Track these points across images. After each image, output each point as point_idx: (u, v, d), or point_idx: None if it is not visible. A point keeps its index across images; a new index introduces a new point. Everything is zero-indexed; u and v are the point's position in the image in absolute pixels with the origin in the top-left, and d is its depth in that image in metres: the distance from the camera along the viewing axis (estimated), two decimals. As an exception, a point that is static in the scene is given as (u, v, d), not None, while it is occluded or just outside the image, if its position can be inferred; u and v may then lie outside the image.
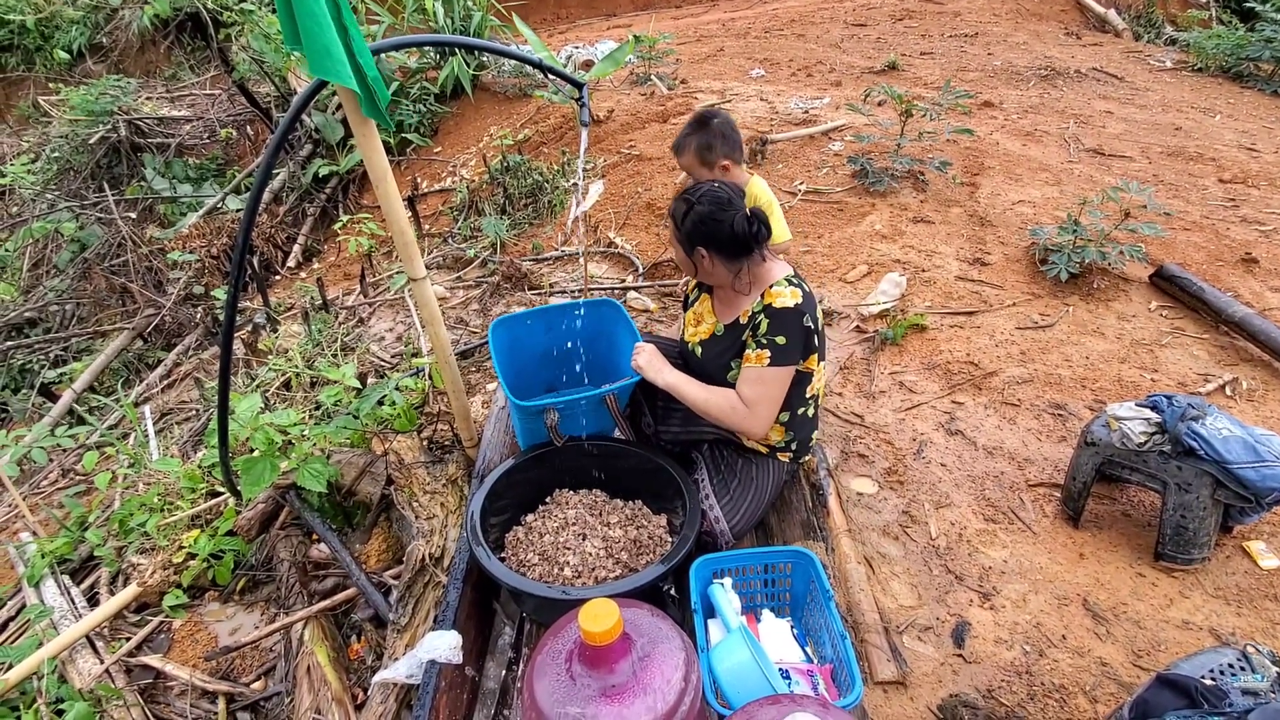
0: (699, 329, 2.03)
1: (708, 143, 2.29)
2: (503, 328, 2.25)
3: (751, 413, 1.83)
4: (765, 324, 1.80)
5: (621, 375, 2.08)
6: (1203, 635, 1.83)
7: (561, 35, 8.94)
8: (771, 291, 1.82)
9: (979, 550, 2.11)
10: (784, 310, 1.78)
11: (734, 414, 1.84)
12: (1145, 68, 6.63)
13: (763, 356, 1.80)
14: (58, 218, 5.27)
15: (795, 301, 1.79)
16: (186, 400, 3.60)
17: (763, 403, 1.82)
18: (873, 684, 1.74)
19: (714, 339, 1.97)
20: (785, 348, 1.78)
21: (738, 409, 1.84)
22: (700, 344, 2.01)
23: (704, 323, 2.01)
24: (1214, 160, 4.44)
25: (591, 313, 2.30)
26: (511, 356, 2.23)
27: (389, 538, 2.34)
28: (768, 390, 1.82)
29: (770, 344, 1.79)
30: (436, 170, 5.68)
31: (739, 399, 1.84)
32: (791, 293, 1.80)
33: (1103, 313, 3.10)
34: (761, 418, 1.83)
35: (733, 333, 1.90)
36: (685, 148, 2.32)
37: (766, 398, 1.82)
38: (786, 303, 1.78)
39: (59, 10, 8.02)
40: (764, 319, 1.81)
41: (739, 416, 1.84)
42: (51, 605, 2.24)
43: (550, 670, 1.20)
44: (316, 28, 1.38)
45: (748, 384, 1.83)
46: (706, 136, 2.29)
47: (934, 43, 7.41)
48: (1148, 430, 1.97)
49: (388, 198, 1.73)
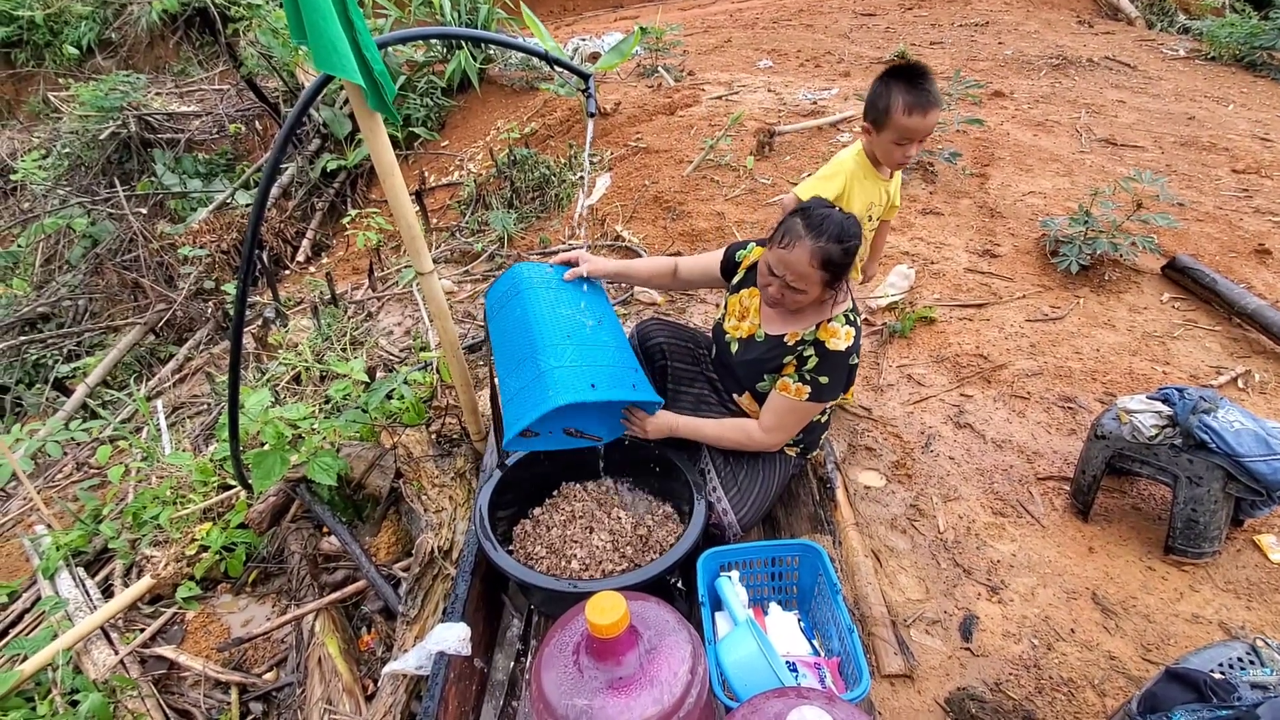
0: (742, 325, 1.97)
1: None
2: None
3: (768, 437, 1.88)
4: (814, 361, 1.77)
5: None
6: (1212, 629, 1.82)
7: (568, 27, 8.91)
8: (829, 327, 1.76)
9: (987, 544, 2.10)
10: (835, 353, 1.75)
11: (749, 442, 1.92)
12: (1158, 56, 6.54)
13: (802, 391, 1.79)
14: (69, 213, 5.31)
15: (848, 344, 1.76)
16: (198, 394, 3.63)
17: (783, 430, 1.87)
18: (880, 677, 1.75)
19: (753, 342, 1.92)
20: (826, 387, 1.78)
21: (754, 438, 1.90)
22: (739, 342, 1.97)
23: (749, 319, 1.96)
24: (1227, 150, 4.39)
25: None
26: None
27: (398, 530, 2.36)
28: (793, 420, 1.85)
29: (814, 382, 1.78)
30: (444, 164, 5.68)
31: (755, 427, 1.89)
32: (846, 333, 1.76)
33: (1114, 305, 3.08)
34: (777, 442, 1.90)
35: (775, 348, 1.86)
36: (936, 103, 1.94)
37: (789, 426, 1.86)
38: (839, 345, 1.75)
39: (68, 6, 8.06)
40: (814, 356, 1.77)
41: (754, 444, 1.91)
42: (66, 597, 2.27)
43: (558, 662, 1.21)
44: (322, 22, 1.38)
45: (776, 413, 1.84)
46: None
47: (944, 32, 7.33)
48: (1159, 423, 1.95)
49: (395, 192, 1.73)
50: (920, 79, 1.89)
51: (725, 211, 3.98)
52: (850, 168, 2.11)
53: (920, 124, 1.92)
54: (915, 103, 1.89)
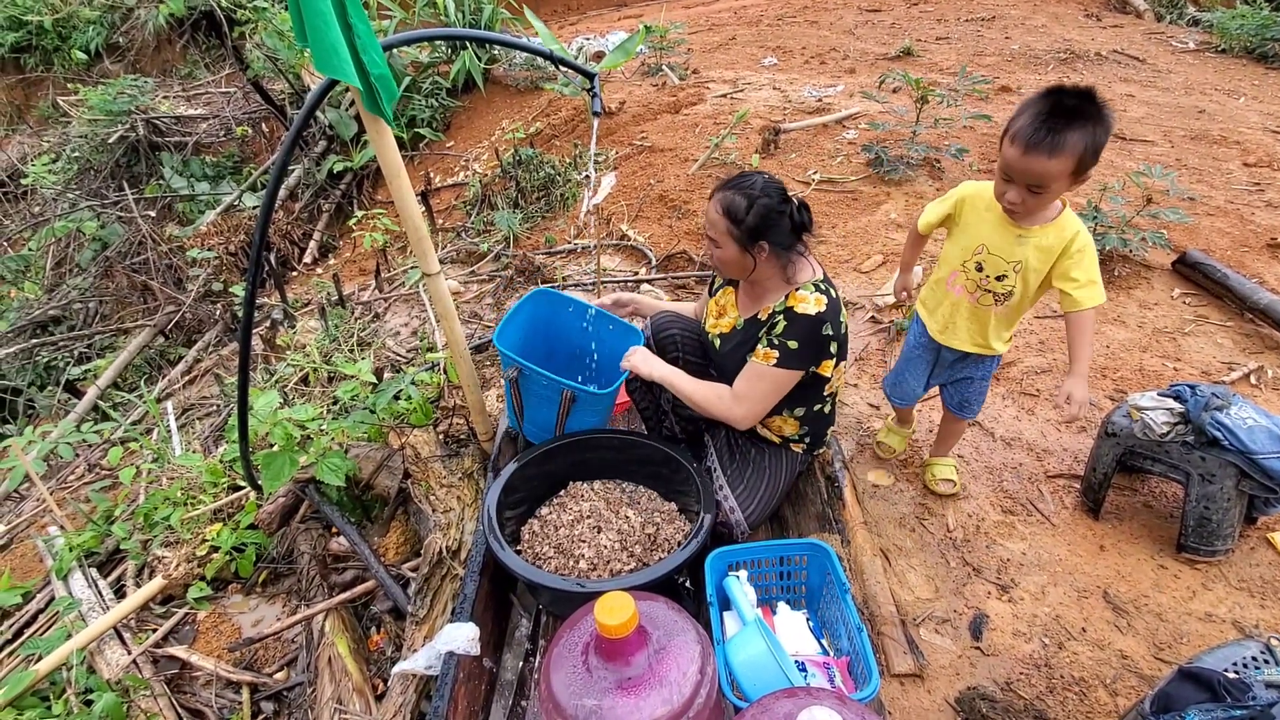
0: (721, 321, 2.01)
1: (1099, 144, 1.50)
2: (543, 298, 2.26)
3: (737, 404, 1.84)
4: (782, 325, 1.78)
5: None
6: (1226, 628, 1.81)
7: (572, 26, 8.91)
8: (797, 295, 1.78)
9: (997, 542, 2.09)
10: (804, 316, 1.76)
11: (719, 403, 1.86)
12: (1167, 49, 6.49)
13: (770, 355, 1.78)
14: (79, 217, 5.35)
15: (818, 310, 1.75)
16: (207, 396, 3.65)
17: (753, 398, 1.82)
18: (889, 676, 1.74)
19: (734, 332, 1.95)
20: (794, 352, 1.77)
21: (723, 398, 1.86)
22: (720, 336, 2.00)
23: (726, 315, 2.00)
24: (1238, 144, 4.35)
25: (620, 330, 2.28)
26: (538, 333, 2.25)
27: (406, 531, 2.37)
28: (763, 387, 1.81)
29: (781, 346, 1.77)
30: (449, 165, 5.69)
31: (728, 391, 1.86)
32: (816, 299, 1.76)
33: (1124, 301, 3.05)
34: (748, 412, 1.84)
35: (752, 327, 1.89)
36: (1065, 146, 1.48)
37: (759, 394, 1.82)
38: (808, 309, 1.76)
39: (76, 11, 8.11)
40: (782, 320, 1.78)
41: (724, 406, 1.85)
42: (79, 598, 2.29)
43: (567, 662, 1.21)
44: (322, 25, 1.38)
45: (745, 378, 1.83)
46: (1101, 134, 1.49)
47: (950, 27, 7.29)
48: (1170, 420, 1.94)
49: (401, 193, 1.73)
50: (1060, 113, 1.48)
51: (731, 210, 3.96)
52: (970, 191, 1.81)
53: (1016, 160, 1.54)
54: (1020, 132, 1.53)
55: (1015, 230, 1.71)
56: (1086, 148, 1.48)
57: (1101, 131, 1.48)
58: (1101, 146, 1.50)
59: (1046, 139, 1.48)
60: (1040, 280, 1.75)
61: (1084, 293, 1.68)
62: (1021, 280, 1.75)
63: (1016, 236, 1.71)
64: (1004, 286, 1.78)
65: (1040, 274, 1.73)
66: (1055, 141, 1.48)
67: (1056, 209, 1.69)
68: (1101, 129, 1.48)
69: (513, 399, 2.07)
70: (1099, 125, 1.48)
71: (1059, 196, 1.64)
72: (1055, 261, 1.70)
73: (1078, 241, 1.67)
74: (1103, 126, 1.48)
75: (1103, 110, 1.48)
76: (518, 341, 2.18)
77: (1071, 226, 1.68)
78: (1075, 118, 1.47)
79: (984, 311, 1.86)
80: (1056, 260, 1.69)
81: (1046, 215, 1.69)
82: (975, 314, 1.88)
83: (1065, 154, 1.49)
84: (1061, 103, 1.49)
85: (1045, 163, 1.51)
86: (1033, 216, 1.68)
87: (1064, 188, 1.57)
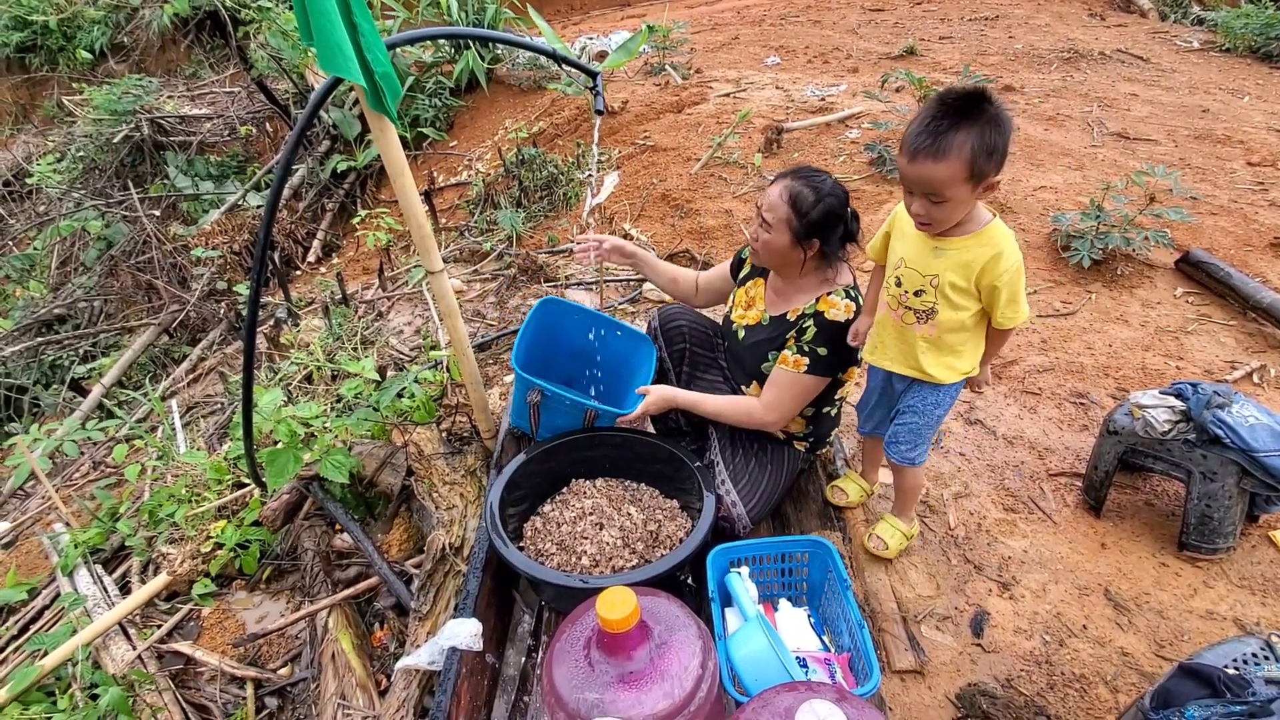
0: (749, 313, 2.00)
1: (991, 145, 1.38)
2: (552, 306, 2.28)
3: (769, 413, 1.86)
4: (813, 331, 1.79)
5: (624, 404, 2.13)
6: (1226, 625, 1.81)
7: (575, 26, 8.92)
8: (828, 299, 1.79)
9: (998, 540, 2.10)
10: (834, 324, 1.77)
11: (749, 418, 1.90)
12: (1171, 48, 6.48)
13: (800, 363, 1.79)
14: (84, 216, 5.37)
15: (848, 317, 1.77)
16: (211, 394, 3.67)
17: (784, 406, 1.84)
18: (891, 673, 1.74)
19: (759, 327, 1.95)
20: (824, 359, 1.78)
21: (753, 412, 1.88)
22: (745, 328, 2.00)
23: (754, 307, 1.99)
24: (1242, 143, 4.34)
25: (629, 339, 2.30)
26: (543, 336, 2.26)
27: (410, 528, 2.38)
28: (793, 394, 1.83)
29: (811, 353, 1.78)
30: (452, 164, 5.71)
31: (756, 405, 1.88)
32: (846, 306, 1.78)
33: (1126, 300, 3.05)
34: (779, 418, 1.87)
35: (778, 326, 1.89)
36: (949, 149, 1.37)
37: (789, 401, 1.84)
38: (839, 316, 1.77)
39: (81, 10, 8.14)
40: (812, 326, 1.79)
41: (756, 418, 1.89)
42: (85, 594, 2.30)
43: (569, 657, 1.22)
44: (327, 24, 1.39)
45: (775, 386, 1.84)
46: (992, 134, 1.37)
47: (953, 26, 7.29)
48: (1172, 418, 1.94)
49: (405, 192, 1.74)
50: (944, 115, 1.38)
51: (733, 209, 3.97)
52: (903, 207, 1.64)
53: (905, 168, 1.46)
54: (906, 139, 1.44)
55: (932, 243, 1.57)
56: (975, 149, 1.36)
57: (993, 131, 1.36)
58: (996, 147, 1.37)
59: (928, 143, 1.38)
60: (968, 298, 1.57)
61: (1005, 315, 1.57)
62: (941, 296, 1.58)
63: (933, 249, 1.57)
64: (922, 303, 1.61)
65: (964, 291, 1.56)
66: (938, 145, 1.37)
67: (982, 220, 1.53)
68: (992, 129, 1.35)
69: (530, 418, 2.06)
70: (989, 125, 1.35)
71: (967, 205, 1.48)
72: (978, 277, 1.53)
73: (1003, 262, 1.50)
74: (994, 126, 1.36)
75: (991, 109, 1.36)
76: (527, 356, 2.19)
77: (994, 241, 1.51)
78: (961, 118, 1.36)
79: (909, 331, 1.67)
80: (979, 275, 1.52)
81: (968, 227, 1.53)
82: (901, 333, 1.70)
83: (950, 158, 1.37)
84: (946, 104, 1.38)
85: (932, 168, 1.39)
86: (946, 228, 1.52)
87: (967, 195, 1.43)
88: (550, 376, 2.32)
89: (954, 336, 1.64)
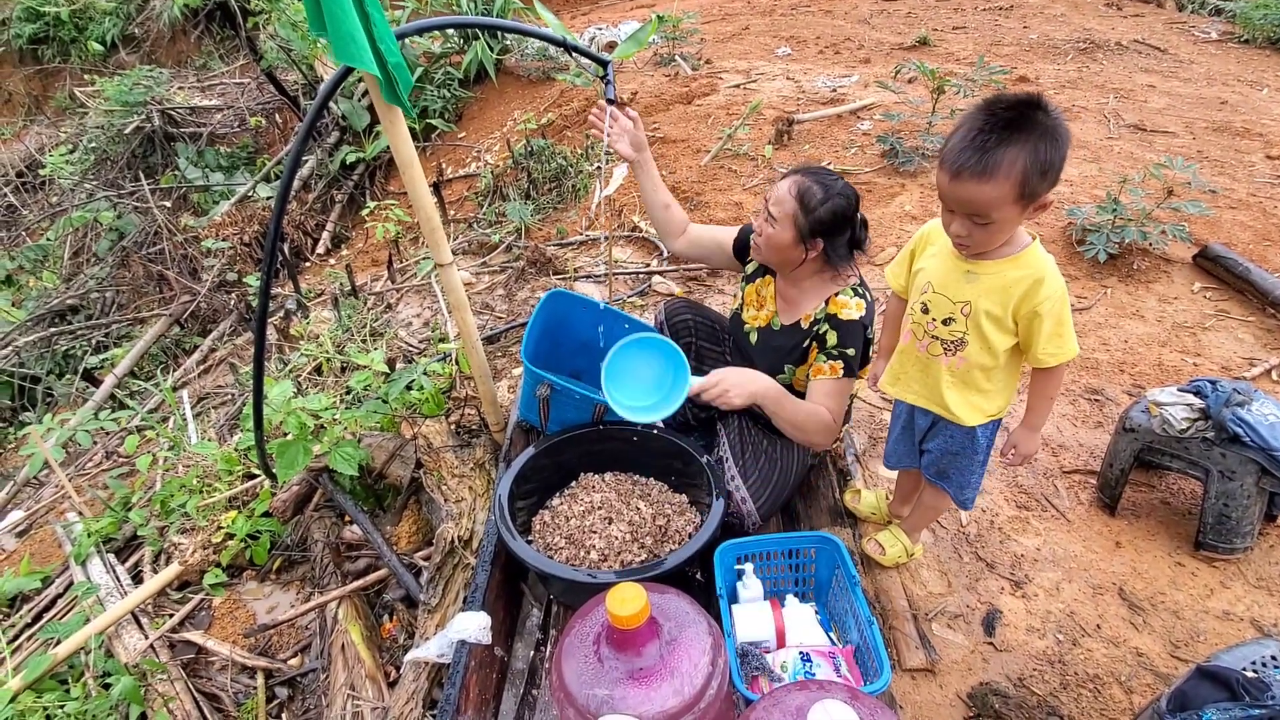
0: (760, 314, 1.98)
1: (1047, 161, 1.22)
2: (561, 299, 2.26)
3: (837, 425, 1.82)
4: (834, 336, 1.77)
5: None
6: (1244, 626, 1.79)
7: (584, 16, 8.86)
8: (837, 300, 1.78)
9: (1011, 538, 2.08)
10: (850, 323, 1.76)
11: (818, 429, 1.77)
12: (1189, 39, 6.37)
13: (836, 369, 1.77)
14: (96, 207, 5.40)
15: (860, 314, 1.76)
16: (222, 385, 3.69)
17: (839, 415, 1.82)
18: (901, 671, 1.73)
19: (771, 331, 1.93)
20: (853, 359, 1.78)
21: (829, 426, 1.77)
22: (757, 330, 1.97)
23: (765, 307, 1.96)
24: (1261, 135, 4.26)
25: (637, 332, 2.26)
26: (551, 329, 2.25)
27: (419, 520, 2.38)
28: (840, 401, 1.82)
29: (842, 355, 1.77)
30: (461, 155, 5.69)
31: (827, 414, 1.77)
32: (856, 304, 1.77)
33: (1143, 295, 3.01)
34: (839, 427, 1.85)
35: (792, 335, 1.87)
36: (998, 167, 1.21)
37: (840, 409, 1.82)
38: (852, 314, 1.76)
39: (92, 2, 8.17)
40: (830, 330, 1.77)
41: (823, 430, 1.77)
42: (98, 583, 2.32)
43: (578, 652, 1.21)
44: (341, 13, 1.38)
45: (827, 396, 1.79)
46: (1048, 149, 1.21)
47: (967, 16, 7.19)
48: (1190, 416, 1.91)
49: (414, 184, 1.73)
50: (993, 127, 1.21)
51: (743, 201, 3.94)
52: (934, 224, 1.51)
53: (945, 187, 1.30)
54: (947, 154, 1.28)
55: (964, 266, 1.42)
56: (1027, 166, 1.20)
57: (1048, 146, 1.20)
58: (1052, 164, 1.22)
59: (974, 160, 1.22)
60: (1002, 330, 1.42)
61: (1049, 351, 1.40)
62: (973, 326, 1.43)
63: (965, 273, 1.42)
64: (951, 333, 1.46)
65: (999, 321, 1.40)
66: (985, 163, 1.21)
67: (1021, 242, 1.38)
68: (1048, 143, 1.20)
69: (539, 411, 2.05)
70: (1044, 139, 1.20)
71: (1014, 226, 1.33)
72: (1017, 305, 1.37)
73: (1045, 288, 1.34)
74: (1049, 140, 1.20)
75: (1046, 120, 1.20)
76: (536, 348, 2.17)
77: (1036, 265, 1.36)
78: (1012, 131, 1.20)
79: (934, 363, 1.53)
80: (1018, 303, 1.37)
81: (1005, 250, 1.38)
82: (926, 366, 1.56)
83: (999, 176, 1.21)
84: (994, 115, 1.22)
85: (977, 188, 1.23)
86: (985, 251, 1.38)
87: (1015, 215, 1.27)
88: (559, 369, 2.31)
89: (982, 374, 1.50)
